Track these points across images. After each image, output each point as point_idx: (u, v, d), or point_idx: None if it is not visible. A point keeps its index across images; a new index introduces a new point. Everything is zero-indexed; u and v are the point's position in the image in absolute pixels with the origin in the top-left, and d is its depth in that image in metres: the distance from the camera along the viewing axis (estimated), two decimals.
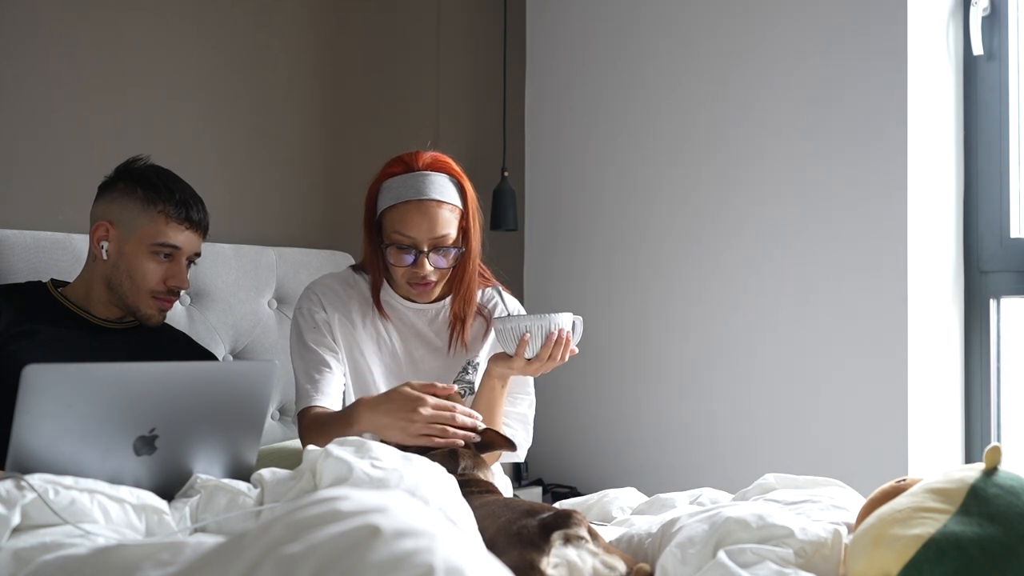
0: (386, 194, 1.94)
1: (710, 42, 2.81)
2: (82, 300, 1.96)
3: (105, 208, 1.94)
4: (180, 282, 1.95)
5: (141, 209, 1.91)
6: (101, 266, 1.93)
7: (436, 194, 1.92)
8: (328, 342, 1.98)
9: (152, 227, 1.91)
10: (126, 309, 1.96)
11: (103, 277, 1.94)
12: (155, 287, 1.93)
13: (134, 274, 1.91)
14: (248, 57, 2.70)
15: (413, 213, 1.90)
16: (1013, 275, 2.48)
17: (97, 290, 1.95)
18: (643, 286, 2.94)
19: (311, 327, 2.00)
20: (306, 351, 1.98)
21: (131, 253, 1.91)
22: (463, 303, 2.03)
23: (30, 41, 2.31)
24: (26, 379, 1.26)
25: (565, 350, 1.91)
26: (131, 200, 1.92)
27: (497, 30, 3.15)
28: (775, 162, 2.68)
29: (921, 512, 1.24)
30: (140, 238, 1.91)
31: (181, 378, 1.43)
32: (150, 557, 1.04)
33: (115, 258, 1.92)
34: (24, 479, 1.25)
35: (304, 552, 0.84)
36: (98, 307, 1.96)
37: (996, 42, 2.50)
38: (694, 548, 1.35)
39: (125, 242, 1.92)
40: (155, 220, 1.91)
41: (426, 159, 1.95)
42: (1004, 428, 2.51)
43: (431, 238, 1.91)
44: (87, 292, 1.96)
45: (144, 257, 1.91)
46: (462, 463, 1.67)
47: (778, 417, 2.65)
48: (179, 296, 1.99)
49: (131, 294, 1.93)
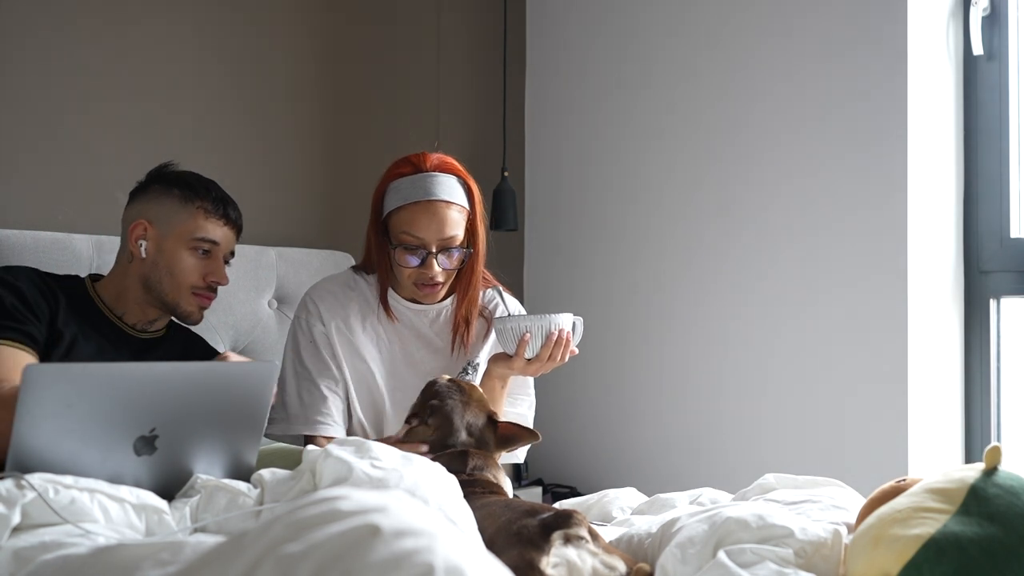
0: (394, 195, 1.94)
1: (710, 42, 2.81)
2: (113, 302, 1.94)
3: (142, 208, 1.94)
4: (219, 277, 1.95)
5: (180, 206, 1.92)
6: (138, 265, 1.92)
7: (445, 195, 1.92)
8: (324, 360, 1.98)
9: (191, 222, 1.91)
10: (164, 308, 1.94)
11: (140, 276, 1.92)
12: (195, 282, 1.92)
13: (174, 270, 1.91)
14: (248, 57, 2.70)
15: (422, 214, 1.90)
16: (1013, 275, 2.48)
17: (132, 290, 1.93)
18: (643, 286, 2.94)
19: (308, 341, 2.00)
20: (302, 368, 1.99)
21: (170, 249, 1.91)
22: (468, 305, 2.03)
23: (30, 42, 2.31)
24: (27, 379, 1.26)
25: (565, 351, 1.91)
26: (168, 199, 1.92)
27: (497, 30, 3.15)
28: (775, 161, 2.68)
29: (921, 512, 1.24)
30: (179, 234, 1.91)
31: (181, 378, 1.43)
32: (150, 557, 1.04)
33: (154, 256, 1.91)
34: (24, 478, 1.25)
35: (304, 551, 0.84)
36: (132, 308, 1.94)
37: (996, 42, 2.50)
38: (694, 548, 1.35)
39: (164, 239, 1.91)
40: (194, 215, 1.92)
41: (434, 160, 1.95)
42: (1004, 428, 2.51)
43: (440, 239, 1.91)
44: (119, 294, 1.93)
45: (184, 253, 1.91)
46: (472, 463, 1.66)
47: (778, 417, 2.65)
48: (216, 293, 1.98)
49: (171, 291, 1.91)
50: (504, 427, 1.77)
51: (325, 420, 1.95)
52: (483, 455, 1.70)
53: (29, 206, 2.30)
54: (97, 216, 2.40)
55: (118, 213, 2.45)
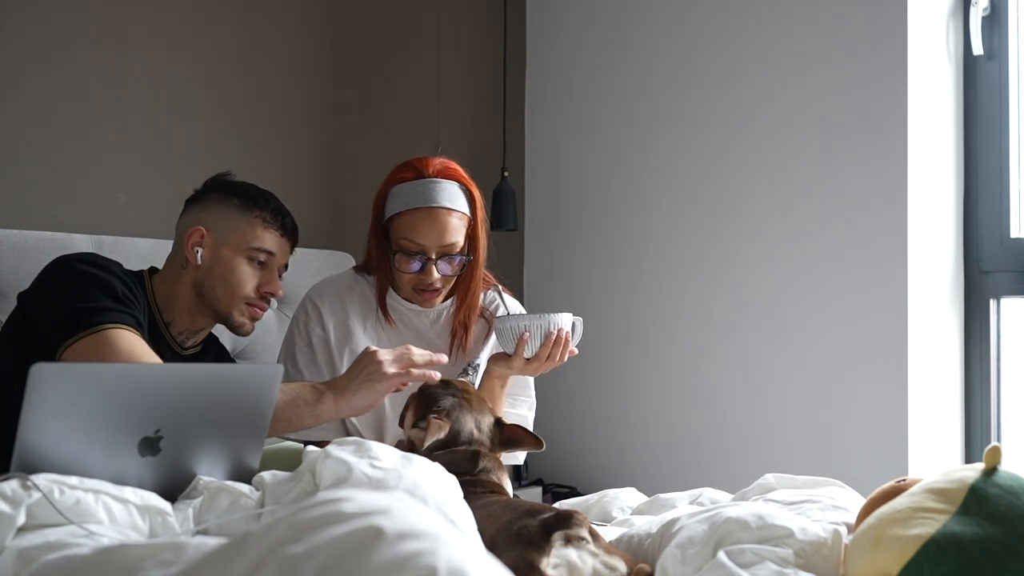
0: (395, 199, 1.93)
1: (710, 42, 2.82)
2: (164, 305, 1.91)
3: (199, 215, 1.91)
4: (274, 288, 1.92)
5: (238, 214, 1.89)
6: (193, 272, 1.88)
7: (446, 202, 1.92)
8: (318, 365, 1.99)
9: (250, 231, 1.88)
10: (216, 316, 1.92)
11: (194, 284, 1.89)
12: (249, 293, 1.89)
13: (229, 279, 1.87)
14: (248, 57, 2.70)
15: (423, 220, 1.90)
16: (1013, 275, 2.48)
17: (184, 296, 1.90)
18: (643, 286, 2.95)
19: (304, 344, 2.00)
20: (294, 370, 2.00)
21: (227, 257, 1.87)
22: (468, 311, 2.03)
23: (30, 41, 2.32)
24: (33, 378, 1.26)
25: (564, 350, 1.91)
26: (227, 207, 1.89)
27: (497, 30, 3.15)
28: (774, 162, 2.68)
29: (921, 512, 1.24)
30: (236, 242, 1.88)
31: (186, 380, 1.43)
32: (153, 557, 1.04)
33: (210, 263, 1.87)
34: (29, 479, 1.25)
35: (307, 553, 0.84)
36: (181, 315, 1.91)
37: (996, 42, 2.50)
38: (694, 548, 1.35)
39: (220, 247, 1.87)
40: (252, 225, 1.89)
41: (436, 166, 1.95)
42: (1004, 428, 2.51)
43: (440, 246, 1.91)
44: (170, 298, 1.90)
45: (240, 262, 1.88)
46: (481, 463, 1.66)
47: (778, 417, 2.65)
48: (270, 305, 1.95)
49: (224, 300, 1.88)
50: (511, 429, 1.76)
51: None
52: (492, 457, 1.69)
53: (29, 206, 2.31)
54: (97, 216, 2.40)
55: (118, 213, 2.46)
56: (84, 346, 1.65)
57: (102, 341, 1.65)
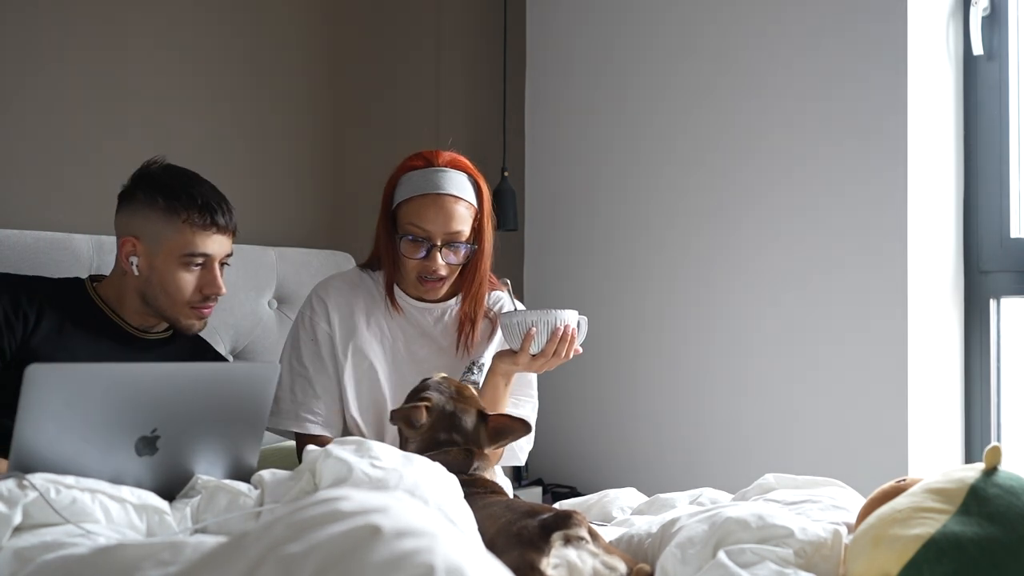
0: (404, 187, 1.96)
1: (709, 42, 2.82)
2: (115, 304, 1.91)
3: (128, 222, 1.88)
4: (215, 288, 1.89)
5: (165, 220, 1.84)
6: (133, 280, 1.88)
7: (454, 190, 1.95)
8: (322, 359, 1.99)
9: (179, 238, 1.84)
10: (163, 319, 1.92)
11: (136, 290, 1.88)
12: (191, 297, 1.87)
13: (168, 287, 1.85)
14: (248, 58, 2.70)
15: (430, 206, 1.93)
16: (1013, 275, 2.48)
17: (131, 300, 1.90)
18: (643, 286, 2.95)
19: (309, 339, 2.01)
20: (300, 365, 2.00)
21: (162, 267, 1.85)
22: (473, 303, 2.04)
23: (30, 41, 2.31)
24: (29, 378, 1.26)
25: (570, 347, 1.92)
26: (153, 211, 1.84)
27: (497, 30, 3.15)
28: (775, 162, 2.68)
29: (921, 512, 1.24)
30: (169, 251, 1.84)
31: (183, 379, 1.43)
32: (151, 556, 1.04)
33: (147, 273, 1.86)
34: (26, 478, 1.25)
35: (305, 552, 0.84)
36: (132, 316, 1.92)
37: (996, 42, 2.50)
38: (694, 548, 1.35)
39: (154, 256, 1.85)
40: (181, 231, 1.84)
41: (446, 157, 1.99)
42: (1004, 428, 2.51)
43: (445, 232, 1.93)
44: (119, 299, 1.91)
45: (176, 269, 1.85)
46: (475, 463, 1.66)
47: (778, 417, 2.65)
48: (216, 301, 1.93)
49: (168, 307, 1.88)
50: (495, 420, 1.75)
51: (314, 419, 1.97)
52: (483, 455, 1.70)
53: (29, 206, 2.30)
54: (97, 216, 2.40)
55: None
56: None
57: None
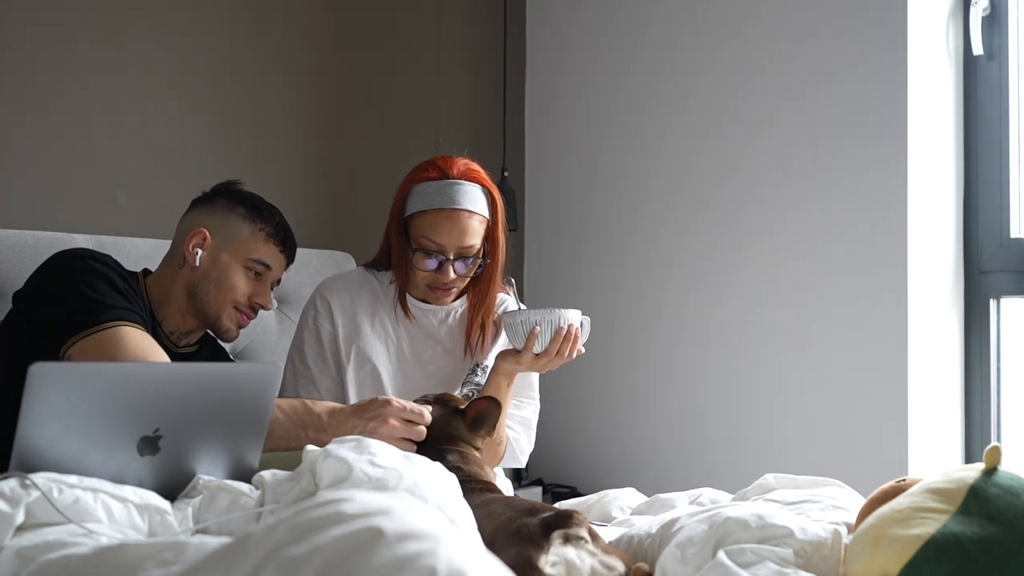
0: (417, 198, 1.95)
1: (711, 42, 2.82)
2: (157, 303, 1.92)
3: (204, 218, 1.93)
4: (265, 301, 1.96)
5: (243, 223, 1.93)
6: (189, 273, 1.90)
7: (468, 204, 1.93)
8: (326, 360, 1.99)
9: (251, 242, 1.92)
10: (204, 319, 1.93)
11: (187, 284, 1.90)
12: (240, 299, 1.92)
13: (223, 283, 1.90)
14: (248, 57, 2.70)
15: (444, 221, 1.92)
16: (1013, 275, 2.48)
17: (177, 295, 1.91)
18: (643, 286, 2.95)
19: (313, 339, 2.01)
20: (303, 366, 2.00)
21: (225, 263, 1.90)
22: (484, 313, 2.04)
23: (30, 41, 2.31)
24: (32, 377, 1.26)
25: (573, 347, 1.92)
26: (232, 215, 1.93)
27: (497, 30, 3.15)
28: (774, 160, 2.68)
29: (921, 512, 1.24)
30: (237, 250, 1.91)
31: (186, 379, 1.43)
32: (153, 556, 1.04)
33: (207, 266, 1.90)
34: (29, 477, 1.25)
35: (307, 554, 0.84)
36: (171, 315, 1.92)
37: (996, 42, 2.51)
38: (694, 548, 1.35)
39: (221, 252, 1.90)
40: (255, 236, 1.93)
41: (460, 167, 1.97)
42: (1004, 428, 2.52)
43: (459, 247, 1.93)
44: (163, 297, 1.92)
45: (237, 269, 1.91)
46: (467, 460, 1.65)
47: (778, 417, 2.65)
48: (256, 315, 1.98)
49: (215, 303, 1.90)
50: (469, 409, 1.72)
51: None
52: (472, 452, 1.69)
53: (29, 206, 2.30)
54: (97, 216, 2.40)
55: (118, 213, 2.46)
56: (92, 344, 1.65)
57: (110, 339, 1.66)
